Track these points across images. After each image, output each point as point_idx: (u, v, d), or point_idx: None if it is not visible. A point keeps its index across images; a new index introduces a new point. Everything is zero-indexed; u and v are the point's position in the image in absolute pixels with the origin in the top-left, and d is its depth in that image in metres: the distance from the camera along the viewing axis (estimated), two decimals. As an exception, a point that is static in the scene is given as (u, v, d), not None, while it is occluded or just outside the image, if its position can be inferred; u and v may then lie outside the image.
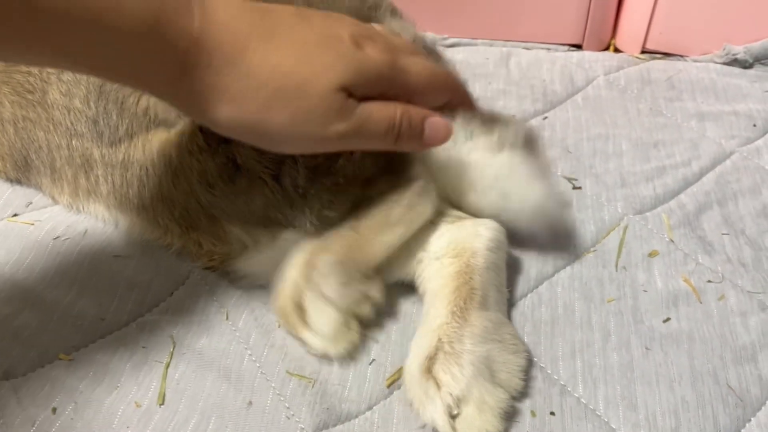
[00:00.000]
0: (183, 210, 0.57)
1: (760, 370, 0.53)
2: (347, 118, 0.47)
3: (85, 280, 0.60)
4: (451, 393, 0.48)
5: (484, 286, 0.54)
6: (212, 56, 0.44)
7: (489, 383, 0.49)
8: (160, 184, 0.57)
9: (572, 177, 0.70)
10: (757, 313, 0.57)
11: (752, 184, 0.69)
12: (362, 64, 0.47)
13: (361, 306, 0.54)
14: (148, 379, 0.53)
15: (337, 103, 0.46)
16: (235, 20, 0.45)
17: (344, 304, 0.53)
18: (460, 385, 0.48)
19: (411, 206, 0.55)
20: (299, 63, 0.45)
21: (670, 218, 0.65)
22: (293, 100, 0.45)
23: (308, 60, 0.46)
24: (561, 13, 0.88)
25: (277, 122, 0.46)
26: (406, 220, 0.55)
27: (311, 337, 0.53)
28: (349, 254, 0.53)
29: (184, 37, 0.43)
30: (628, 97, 0.81)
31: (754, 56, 0.84)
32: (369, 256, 0.54)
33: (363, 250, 0.54)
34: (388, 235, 0.55)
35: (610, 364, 0.54)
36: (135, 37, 0.42)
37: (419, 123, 0.51)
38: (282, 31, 0.46)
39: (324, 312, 0.52)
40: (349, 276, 0.53)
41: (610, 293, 0.59)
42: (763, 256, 0.62)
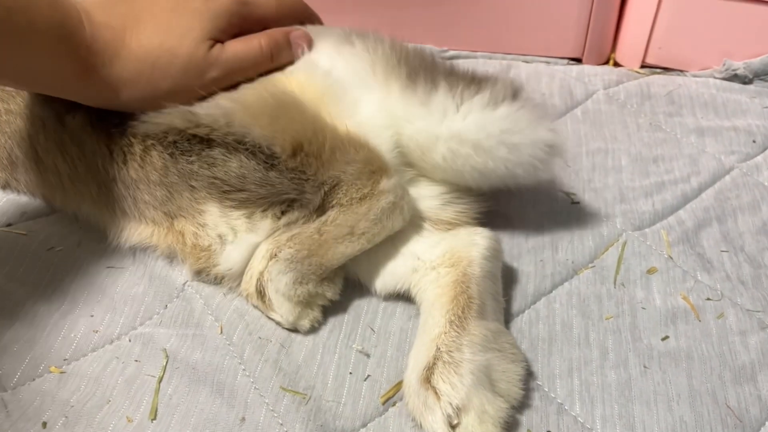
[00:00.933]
0: (165, 191, 0.58)
1: (759, 390, 0.52)
2: (218, 63, 0.56)
3: (77, 292, 0.59)
4: (451, 402, 0.48)
5: (482, 295, 0.54)
6: (103, 55, 0.53)
7: (489, 392, 0.49)
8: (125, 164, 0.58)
9: (571, 192, 0.70)
10: (756, 332, 0.56)
11: (752, 200, 0.69)
12: (214, 12, 0.57)
13: (315, 299, 0.57)
14: (140, 393, 0.52)
15: (203, 54, 0.55)
16: (109, 18, 0.54)
17: (297, 299, 0.55)
18: (460, 394, 0.48)
19: (378, 221, 0.55)
20: (163, 35, 0.55)
21: (669, 235, 0.65)
22: (169, 66, 0.55)
23: (169, 29, 0.55)
24: (561, 27, 0.88)
25: (164, 88, 0.55)
26: (370, 233, 0.56)
27: (276, 317, 0.56)
28: (309, 255, 0.55)
29: (82, 46, 0.52)
30: (628, 111, 0.81)
31: (754, 72, 0.84)
32: (326, 261, 0.55)
33: (322, 255, 0.55)
34: (349, 245, 0.55)
35: (607, 382, 0.53)
36: (44, 52, 0.50)
37: (284, 40, 0.60)
38: (145, 13, 0.55)
39: (282, 303, 0.55)
40: (304, 276, 0.55)
41: (609, 310, 0.58)
42: (763, 274, 0.61)
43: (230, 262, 0.57)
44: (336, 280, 0.58)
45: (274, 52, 0.59)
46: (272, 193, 0.55)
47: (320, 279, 0.56)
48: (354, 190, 0.55)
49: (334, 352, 0.56)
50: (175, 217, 0.59)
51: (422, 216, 0.60)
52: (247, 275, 0.57)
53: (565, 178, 0.72)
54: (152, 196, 0.58)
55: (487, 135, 0.56)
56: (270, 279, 0.55)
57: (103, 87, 0.54)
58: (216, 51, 0.56)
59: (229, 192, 0.56)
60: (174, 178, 0.57)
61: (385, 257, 0.59)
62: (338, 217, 0.55)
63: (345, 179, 0.55)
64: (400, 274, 0.58)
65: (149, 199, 0.59)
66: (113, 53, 0.53)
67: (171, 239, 0.60)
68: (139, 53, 0.54)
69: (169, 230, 0.60)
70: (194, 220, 0.58)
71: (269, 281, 0.55)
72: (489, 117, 0.56)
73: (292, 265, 0.54)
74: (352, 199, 0.55)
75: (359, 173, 0.55)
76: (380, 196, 0.55)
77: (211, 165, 0.55)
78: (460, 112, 0.57)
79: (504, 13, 0.87)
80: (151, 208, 0.59)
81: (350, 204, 0.55)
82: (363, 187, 0.55)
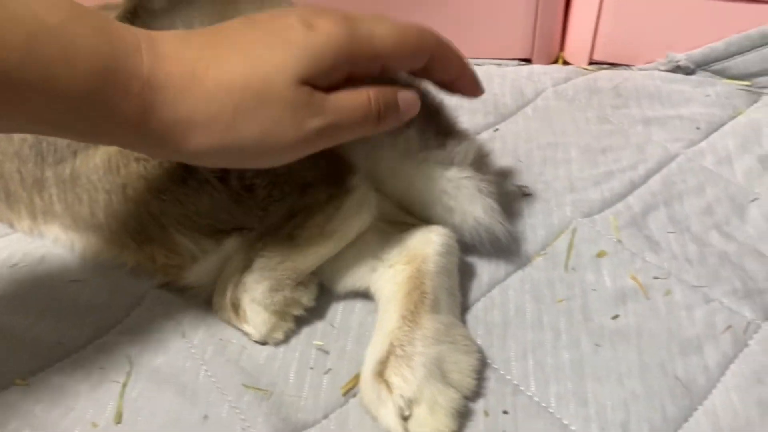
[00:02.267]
0: (137, 222, 0.58)
1: (705, 360, 0.54)
2: (319, 113, 0.45)
3: (41, 306, 0.60)
4: (403, 395, 0.49)
5: (435, 290, 0.55)
6: (165, 92, 0.42)
7: (441, 384, 0.50)
8: (109, 198, 0.58)
9: (522, 185, 0.72)
10: (702, 305, 0.59)
11: (697, 184, 0.71)
12: (317, 48, 0.44)
13: (291, 308, 0.57)
14: (105, 398, 0.53)
15: (303, 100, 0.44)
16: (181, 48, 0.43)
17: (274, 308, 0.55)
18: (412, 387, 0.49)
19: (346, 219, 0.57)
20: (248, 68, 0.43)
21: (618, 219, 0.67)
22: (257, 110, 0.43)
23: (258, 63, 0.43)
24: (509, 30, 0.90)
25: (249, 137, 0.44)
26: (340, 231, 0.57)
27: (249, 329, 0.56)
28: (283, 261, 0.55)
29: (136, 79, 0.41)
30: (576, 106, 0.84)
31: (696, 63, 0.87)
32: (301, 264, 0.56)
33: (296, 258, 0.56)
34: (321, 245, 0.56)
35: (561, 362, 0.55)
36: (86, 87, 0.40)
37: (394, 101, 0.49)
38: (227, 41, 0.44)
39: (258, 313, 0.55)
40: (279, 283, 0.55)
41: (561, 294, 0.60)
42: (708, 252, 0.63)
43: (199, 276, 0.58)
44: (310, 286, 0.58)
45: (383, 112, 0.48)
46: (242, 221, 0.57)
47: (295, 284, 0.56)
48: (320, 192, 0.57)
49: (295, 349, 0.57)
50: (145, 243, 0.60)
51: (381, 217, 0.62)
52: (219, 288, 0.57)
53: (517, 172, 0.74)
54: (126, 229, 0.59)
55: (429, 190, 0.58)
56: (245, 290, 0.55)
57: (166, 132, 0.43)
58: (319, 99, 0.45)
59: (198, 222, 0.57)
60: (147, 216, 0.58)
61: (345, 258, 0.60)
62: (307, 219, 0.56)
63: (311, 182, 0.56)
64: (359, 274, 0.60)
65: (123, 229, 0.59)
66: (180, 90, 0.42)
67: (140, 257, 0.60)
68: (216, 91, 0.42)
69: (138, 252, 0.60)
70: (166, 247, 0.59)
71: (244, 292, 0.55)
72: (436, 174, 0.58)
73: (267, 273, 0.55)
74: (320, 200, 0.57)
75: (325, 174, 0.57)
76: (347, 194, 0.57)
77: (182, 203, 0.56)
78: (417, 157, 0.58)
79: (454, 18, 0.90)
80: (123, 235, 0.60)
81: (318, 205, 0.57)
82: (329, 188, 0.57)
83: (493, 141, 0.78)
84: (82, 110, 0.41)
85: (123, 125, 0.42)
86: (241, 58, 0.43)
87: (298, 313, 0.57)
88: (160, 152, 0.46)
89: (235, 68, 0.43)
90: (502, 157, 0.76)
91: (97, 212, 0.59)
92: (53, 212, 0.62)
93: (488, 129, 0.81)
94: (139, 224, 0.58)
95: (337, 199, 0.56)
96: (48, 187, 0.61)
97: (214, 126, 0.43)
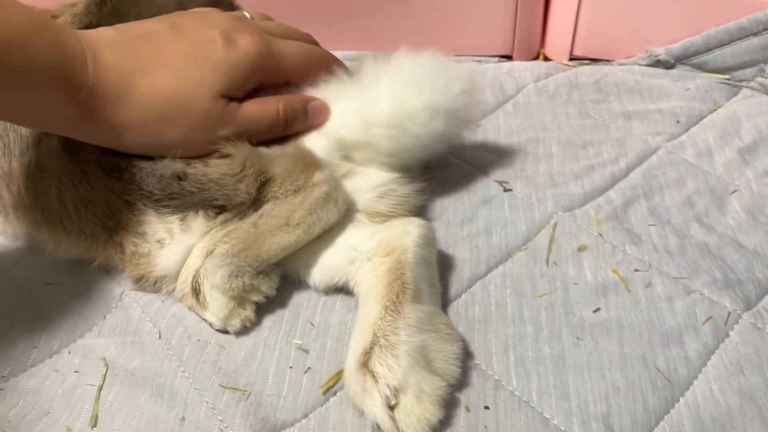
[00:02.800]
0: (106, 208, 0.58)
1: (686, 352, 0.54)
2: (230, 122, 0.54)
3: (15, 310, 0.59)
4: (389, 384, 0.49)
5: (416, 281, 0.55)
6: (106, 98, 0.50)
7: (426, 372, 0.50)
8: (74, 185, 0.58)
9: (503, 180, 0.71)
10: (682, 296, 0.58)
11: (677, 176, 0.71)
12: (235, 66, 0.53)
13: (250, 295, 0.57)
14: (80, 402, 0.52)
15: (218, 112, 0.53)
16: (119, 59, 0.51)
17: (233, 293, 0.55)
18: (397, 375, 0.49)
19: (313, 211, 0.57)
20: (176, 85, 0.52)
21: (599, 213, 0.67)
22: (178, 119, 0.52)
23: (183, 79, 0.52)
24: (490, 26, 0.90)
25: (171, 139, 0.53)
26: (305, 224, 0.57)
27: (209, 315, 0.56)
28: (245, 248, 0.55)
29: (82, 88, 0.49)
30: (557, 102, 0.83)
31: (675, 57, 0.87)
32: (263, 253, 0.56)
33: (258, 247, 0.56)
34: (285, 236, 0.56)
35: (542, 356, 0.55)
36: (43, 92, 0.48)
37: (302, 109, 0.58)
38: (159, 57, 0.52)
39: (216, 298, 0.55)
40: (240, 270, 0.55)
41: (542, 288, 0.60)
42: (688, 244, 0.63)
43: (167, 263, 0.57)
44: (272, 276, 0.58)
45: (290, 119, 0.58)
46: (204, 198, 0.56)
47: (256, 272, 0.56)
48: (288, 182, 0.57)
49: (274, 348, 0.56)
50: (114, 231, 0.59)
51: (358, 209, 0.61)
52: (183, 275, 0.57)
53: (498, 167, 0.73)
54: (94, 214, 0.59)
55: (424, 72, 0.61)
56: (205, 275, 0.55)
57: (105, 130, 0.52)
58: (232, 109, 0.54)
59: (161, 200, 0.57)
60: (111, 195, 0.58)
61: (322, 250, 0.60)
62: (273, 209, 0.57)
63: (279, 173, 0.56)
64: (337, 267, 0.59)
65: (92, 217, 0.59)
66: (117, 97, 0.51)
67: (109, 251, 0.60)
68: (147, 101, 0.51)
69: (108, 242, 0.60)
70: (134, 231, 0.58)
71: (205, 278, 0.55)
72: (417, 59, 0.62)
73: (228, 259, 0.55)
74: (287, 191, 0.57)
75: (293, 167, 0.56)
76: (314, 187, 0.57)
77: (134, 182, 0.56)
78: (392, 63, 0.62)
79: (434, 16, 0.90)
80: (90, 224, 0.59)
81: (285, 196, 0.57)
82: (297, 180, 0.57)
83: (474, 137, 0.78)
84: (36, 111, 0.49)
85: (69, 123, 0.51)
86: (169, 73, 0.52)
87: (257, 299, 0.57)
88: (98, 143, 0.55)
89: (164, 81, 0.52)
90: (482, 153, 0.76)
91: (65, 201, 0.59)
92: (24, 206, 0.61)
93: (469, 126, 0.80)
94: (106, 206, 0.58)
95: (304, 191, 0.57)
96: (16, 180, 0.61)
97: (143, 129, 0.52)
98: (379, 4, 0.88)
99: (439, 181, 0.71)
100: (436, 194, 0.69)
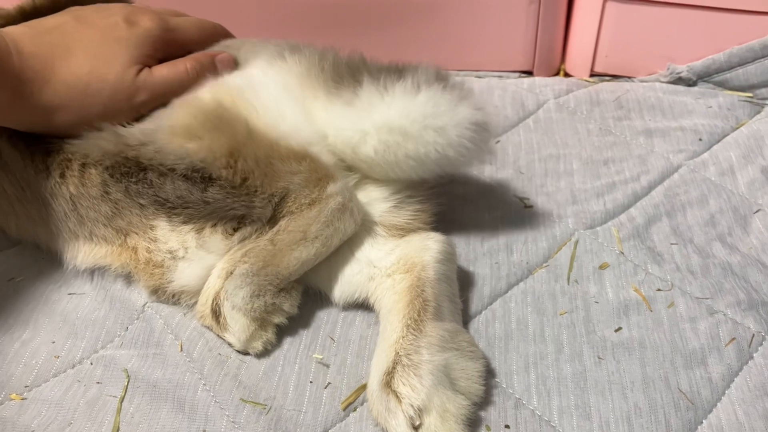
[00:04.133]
0: (111, 207, 0.58)
1: (710, 373, 0.54)
2: (144, 86, 0.59)
3: (39, 320, 0.60)
4: (412, 404, 0.48)
5: (437, 298, 0.55)
6: (33, 84, 0.55)
7: (450, 391, 0.50)
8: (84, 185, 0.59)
9: (524, 197, 0.71)
10: (705, 317, 0.58)
11: (699, 195, 0.71)
12: (138, 38, 0.60)
13: (273, 316, 0.56)
14: (102, 414, 0.53)
15: (130, 79, 0.59)
16: (38, 47, 0.56)
17: (255, 314, 0.55)
18: (421, 395, 0.49)
19: (329, 223, 0.56)
20: (93, 62, 0.58)
21: (620, 231, 0.67)
22: (99, 92, 0.58)
23: (98, 56, 0.58)
24: (510, 42, 0.90)
25: (96, 112, 0.58)
26: (323, 236, 0.56)
27: (229, 337, 0.56)
28: (265, 266, 0.55)
29: (10, 75, 0.54)
30: (578, 118, 0.83)
31: (697, 74, 0.86)
32: (283, 269, 0.56)
33: (278, 263, 0.55)
34: (303, 250, 0.56)
35: (563, 375, 0.54)
36: None
37: (209, 62, 0.63)
38: (74, 42, 0.58)
39: (237, 320, 0.55)
40: (261, 288, 0.55)
41: (563, 306, 0.60)
42: (711, 263, 0.63)
43: (184, 279, 0.58)
44: (293, 293, 0.58)
45: (200, 73, 0.62)
46: (218, 209, 0.56)
47: (277, 290, 0.56)
48: (302, 197, 0.57)
49: (294, 363, 0.56)
50: (126, 234, 0.59)
51: (376, 221, 0.61)
52: (202, 297, 0.57)
53: (519, 184, 0.73)
54: (97, 212, 0.59)
55: (412, 120, 0.57)
56: (226, 297, 0.55)
57: (35, 113, 0.57)
58: (143, 75, 0.60)
59: (174, 208, 0.57)
60: (119, 195, 0.58)
61: (342, 265, 0.60)
62: (290, 224, 0.56)
63: (293, 189, 0.56)
64: (357, 283, 0.59)
65: (95, 215, 0.59)
66: (42, 81, 0.56)
67: (125, 257, 0.60)
68: (70, 80, 0.57)
69: (122, 247, 0.60)
70: (146, 235, 0.59)
71: (225, 299, 0.55)
72: (411, 102, 0.57)
73: (249, 278, 0.55)
74: (302, 205, 0.57)
75: (306, 181, 0.57)
76: (329, 199, 0.57)
77: (151, 186, 0.57)
78: (384, 102, 0.58)
79: (455, 31, 0.90)
80: (100, 225, 0.60)
81: (300, 210, 0.57)
82: (311, 193, 0.57)
83: (494, 153, 0.78)
84: None
85: (0, 110, 0.55)
86: (85, 53, 0.58)
87: (279, 321, 0.57)
88: (31, 128, 0.59)
89: (81, 61, 0.57)
90: (503, 168, 0.76)
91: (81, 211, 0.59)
92: (26, 198, 0.61)
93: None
94: (115, 207, 0.58)
95: (319, 204, 0.56)
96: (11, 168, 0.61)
97: (70, 106, 0.57)
98: (402, 19, 0.89)
99: (458, 196, 0.71)
100: (455, 209, 0.69)
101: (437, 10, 0.88)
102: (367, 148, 0.58)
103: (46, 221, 0.61)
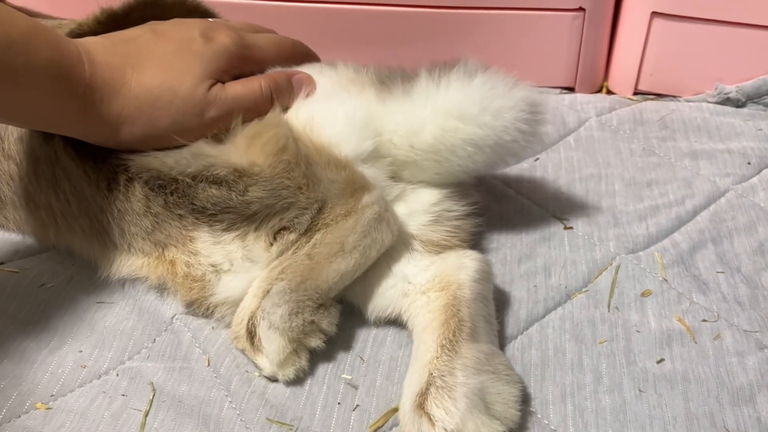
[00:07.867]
0: (151, 221, 0.58)
1: (759, 412, 0.51)
2: (216, 102, 0.57)
3: (67, 328, 0.59)
4: (446, 428, 0.47)
5: (473, 318, 0.53)
6: (102, 93, 0.54)
7: (484, 415, 0.48)
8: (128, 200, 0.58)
9: (563, 217, 0.69)
10: (754, 352, 0.55)
11: (747, 221, 0.68)
12: (214, 53, 0.58)
13: (310, 337, 0.55)
14: (126, 428, 0.52)
15: (202, 94, 0.56)
16: (111, 57, 0.55)
17: (292, 334, 0.53)
18: (455, 419, 0.47)
19: (366, 234, 0.55)
20: (164, 75, 0.56)
21: (664, 257, 0.64)
22: (168, 105, 0.56)
23: (170, 69, 0.56)
24: (552, 57, 0.88)
25: (164, 126, 0.56)
26: (361, 247, 0.55)
27: (261, 360, 0.54)
28: (303, 281, 0.54)
29: (81, 84, 0.53)
30: (621, 137, 0.81)
31: (747, 95, 0.83)
32: (322, 283, 0.54)
33: (316, 278, 0.54)
34: (342, 262, 0.55)
35: (602, 407, 0.52)
36: (41, 91, 0.51)
37: (286, 82, 0.61)
38: (146, 53, 0.57)
39: (273, 340, 0.53)
40: (300, 305, 0.53)
41: (602, 334, 0.57)
42: (760, 294, 0.60)
43: (228, 291, 0.56)
44: (332, 310, 0.56)
45: (275, 93, 0.60)
46: (263, 207, 0.55)
47: (316, 306, 0.54)
48: (338, 208, 0.56)
49: (322, 383, 0.55)
50: (165, 247, 0.59)
51: (413, 235, 0.60)
52: (237, 317, 0.56)
53: (558, 203, 0.71)
54: (138, 227, 0.58)
55: (470, 103, 0.57)
56: (263, 316, 0.53)
57: (103, 124, 0.55)
58: (215, 90, 0.57)
59: (216, 214, 0.56)
60: (158, 208, 0.57)
61: (377, 278, 0.59)
62: (326, 236, 0.55)
63: (329, 199, 0.55)
64: (391, 297, 0.58)
65: (136, 230, 0.59)
66: (113, 91, 0.54)
67: (162, 270, 0.59)
68: (139, 92, 0.55)
69: (160, 260, 0.59)
70: (185, 248, 0.58)
71: (262, 318, 0.53)
72: (468, 86, 0.58)
73: (287, 296, 0.53)
74: (338, 216, 0.56)
75: (342, 192, 0.56)
76: (365, 209, 0.56)
77: (187, 195, 0.56)
78: (441, 89, 0.58)
79: (497, 45, 0.88)
80: (139, 238, 0.59)
81: (336, 221, 0.55)
82: (346, 203, 0.56)
83: (533, 171, 0.76)
84: (37, 108, 0.52)
85: (69, 120, 0.54)
86: (157, 65, 0.56)
87: (316, 345, 0.55)
88: (96, 140, 0.57)
89: (153, 73, 0.56)
90: (542, 187, 0.74)
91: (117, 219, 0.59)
92: (71, 213, 0.61)
93: (528, 158, 0.78)
94: (156, 221, 0.57)
95: (355, 215, 0.55)
96: (61, 183, 0.60)
97: (138, 119, 0.55)
98: (443, 33, 0.87)
99: (496, 215, 0.69)
100: (493, 229, 0.67)
101: (479, 24, 0.86)
102: (426, 134, 0.58)
103: (87, 234, 0.61)
